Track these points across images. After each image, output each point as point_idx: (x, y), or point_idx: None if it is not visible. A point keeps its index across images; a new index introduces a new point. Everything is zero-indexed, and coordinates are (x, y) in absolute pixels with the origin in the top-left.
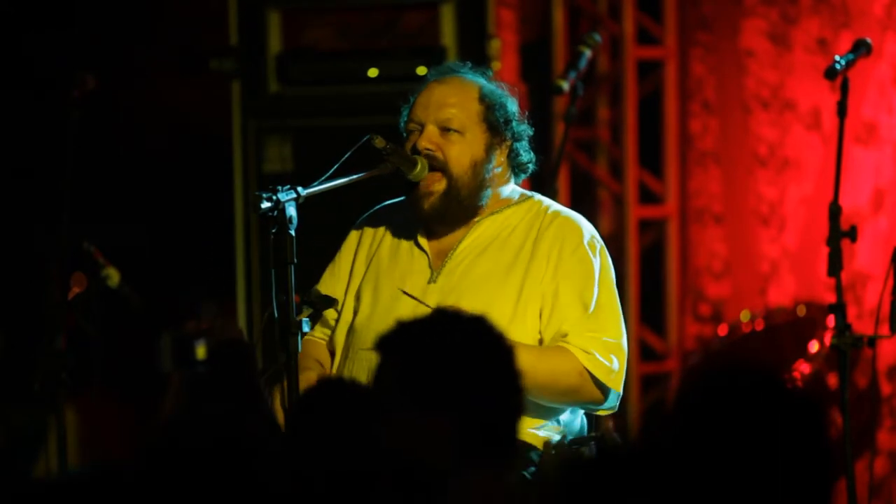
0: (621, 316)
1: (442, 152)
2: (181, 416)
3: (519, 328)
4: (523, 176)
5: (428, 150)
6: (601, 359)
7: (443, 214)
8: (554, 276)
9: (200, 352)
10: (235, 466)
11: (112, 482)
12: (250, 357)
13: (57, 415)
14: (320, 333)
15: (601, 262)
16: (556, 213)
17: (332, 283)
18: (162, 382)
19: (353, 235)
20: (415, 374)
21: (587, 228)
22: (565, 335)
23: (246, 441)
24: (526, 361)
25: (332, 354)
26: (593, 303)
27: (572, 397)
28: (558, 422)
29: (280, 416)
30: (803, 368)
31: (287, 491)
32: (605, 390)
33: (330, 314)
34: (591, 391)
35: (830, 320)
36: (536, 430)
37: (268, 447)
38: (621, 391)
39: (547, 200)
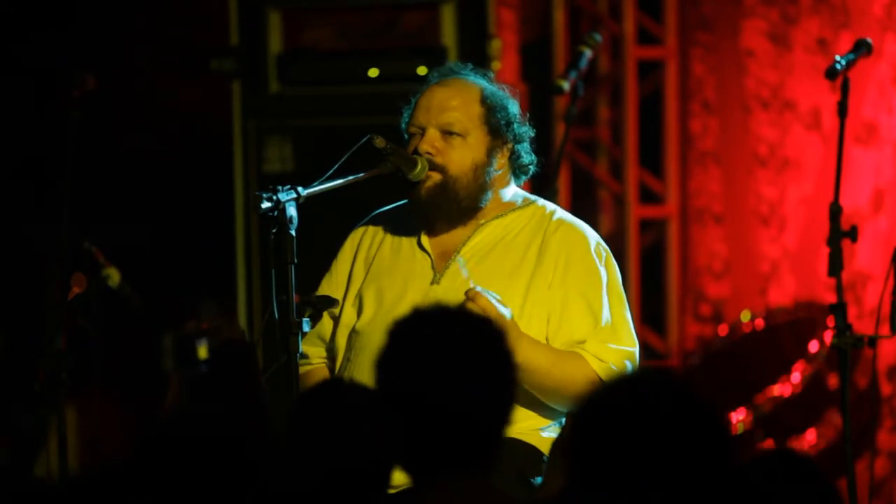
0: (632, 324)
1: (443, 156)
2: (175, 415)
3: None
4: (524, 178)
5: (429, 154)
6: (615, 368)
7: (439, 205)
8: (562, 283)
9: (202, 352)
10: (229, 464)
11: (107, 481)
12: (251, 357)
13: (57, 415)
14: (318, 359)
15: (609, 269)
16: (561, 220)
17: (329, 290)
18: (162, 382)
19: (351, 241)
20: (412, 368)
21: (592, 236)
22: (582, 342)
23: (240, 439)
24: (543, 362)
25: (333, 359)
26: (604, 312)
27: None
28: (561, 423)
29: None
30: (803, 369)
31: (283, 490)
32: None
33: (324, 330)
34: None
35: (831, 320)
36: (539, 432)
37: (263, 445)
38: None
39: (551, 206)
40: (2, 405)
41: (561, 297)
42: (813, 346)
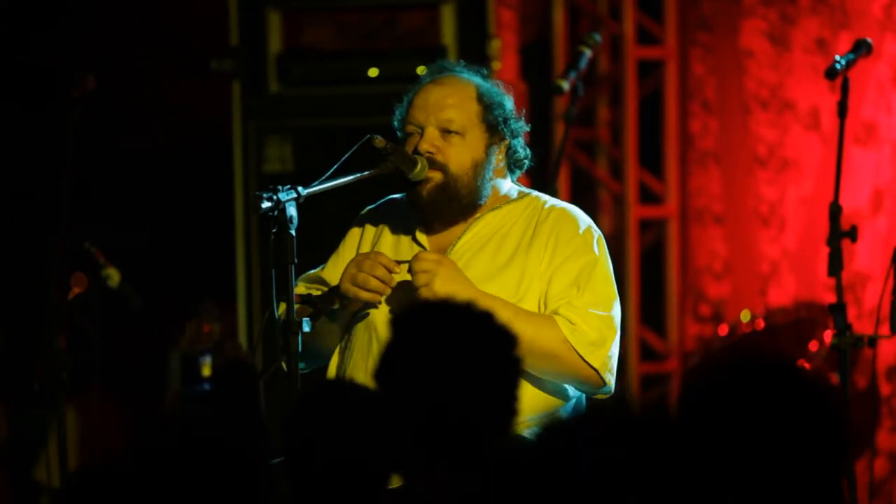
0: (616, 298)
1: (443, 154)
2: (168, 417)
3: None
4: (519, 172)
5: (429, 153)
6: (583, 331)
7: (440, 205)
8: (550, 264)
9: (205, 369)
10: (226, 463)
11: (102, 482)
12: (253, 377)
13: (57, 415)
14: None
15: (598, 250)
16: (553, 207)
17: (335, 269)
18: (162, 383)
19: (358, 226)
20: (414, 364)
21: (583, 219)
22: (555, 311)
23: (233, 440)
24: (505, 315)
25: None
26: (588, 285)
27: (556, 365)
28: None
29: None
30: None
31: (281, 489)
32: (593, 367)
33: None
34: (576, 362)
35: (830, 320)
36: (529, 428)
37: (257, 447)
38: (611, 370)
39: (545, 196)
40: (5, 404)
41: (548, 277)
42: (813, 346)
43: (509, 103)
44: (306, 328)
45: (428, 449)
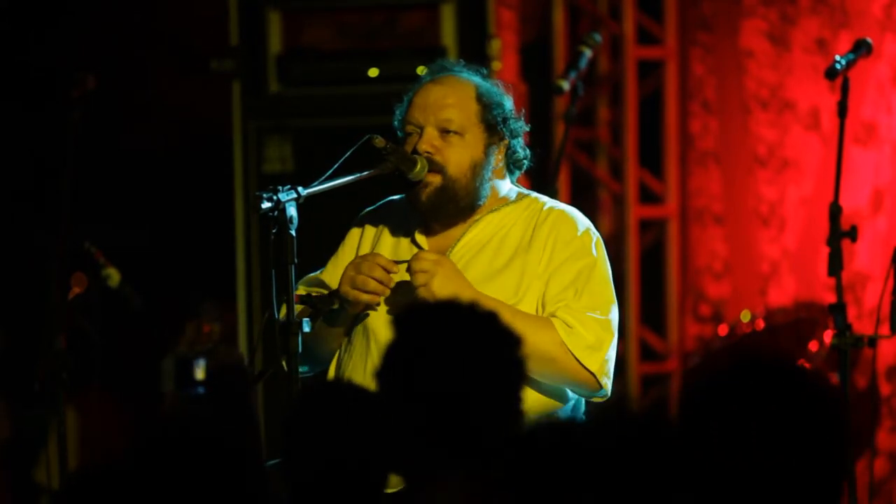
0: (614, 301)
1: (442, 155)
2: (169, 418)
3: None
4: (518, 172)
5: (428, 152)
6: (581, 334)
7: (440, 208)
8: (548, 265)
9: (199, 373)
10: (222, 467)
11: (102, 482)
12: (247, 381)
13: (57, 415)
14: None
15: (597, 252)
16: (552, 209)
17: (334, 274)
18: (158, 385)
19: (357, 227)
20: (417, 365)
21: (582, 221)
22: (553, 313)
23: (233, 441)
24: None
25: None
26: (586, 288)
27: (553, 368)
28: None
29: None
30: None
31: (281, 491)
32: (590, 370)
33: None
34: (573, 365)
35: (830, 320)
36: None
37: (256, 449)
38: (607, 373)
39: (544, 198)
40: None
41: (545, 279)
42: (813, 346)
43: (509, 103)
44: (306, 328)
45: (428, 450)
